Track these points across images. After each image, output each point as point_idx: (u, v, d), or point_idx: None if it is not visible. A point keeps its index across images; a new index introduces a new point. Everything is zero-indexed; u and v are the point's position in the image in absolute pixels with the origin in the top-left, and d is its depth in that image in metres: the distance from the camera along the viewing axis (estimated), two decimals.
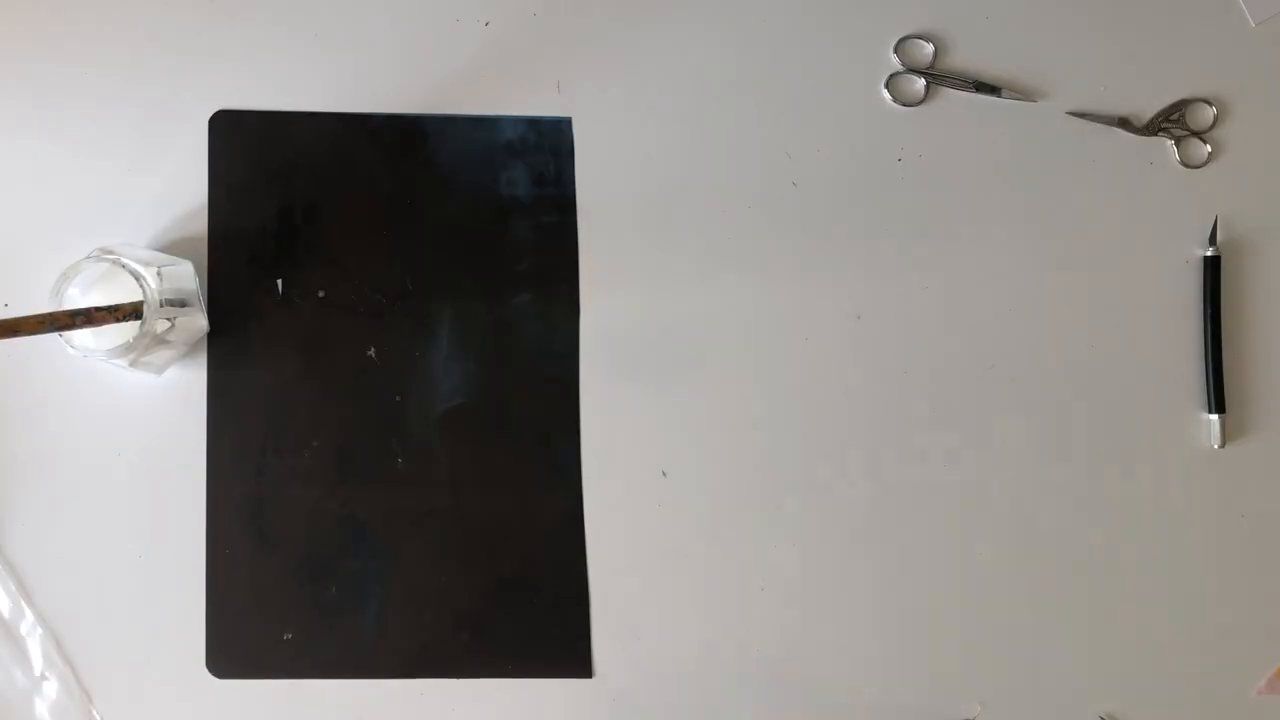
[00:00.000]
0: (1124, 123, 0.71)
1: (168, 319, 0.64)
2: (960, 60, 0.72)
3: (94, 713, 0.70)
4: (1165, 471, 0.71)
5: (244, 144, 0.71)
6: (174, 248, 0.70)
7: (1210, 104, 0.71)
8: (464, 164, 0.71)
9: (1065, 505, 0.71)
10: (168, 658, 0.70)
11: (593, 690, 0.70)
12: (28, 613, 0.70)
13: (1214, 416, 0.71)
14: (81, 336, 0.63)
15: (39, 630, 0.70)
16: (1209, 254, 0.71)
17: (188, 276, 0.68)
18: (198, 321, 0.69)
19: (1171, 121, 0.71)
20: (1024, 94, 0.71)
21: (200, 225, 0.71)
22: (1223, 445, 0.71)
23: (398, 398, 0.71)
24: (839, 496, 0.71)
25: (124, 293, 0.64)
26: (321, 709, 0.70)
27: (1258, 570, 0.71)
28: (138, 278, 0.63)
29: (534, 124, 0.71)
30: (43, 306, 0.62)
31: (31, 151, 0.71)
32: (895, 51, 0.71)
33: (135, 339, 0.62)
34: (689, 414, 0.71)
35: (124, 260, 0.63)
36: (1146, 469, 0.71)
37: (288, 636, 0.71)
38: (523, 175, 0.71)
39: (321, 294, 0.71)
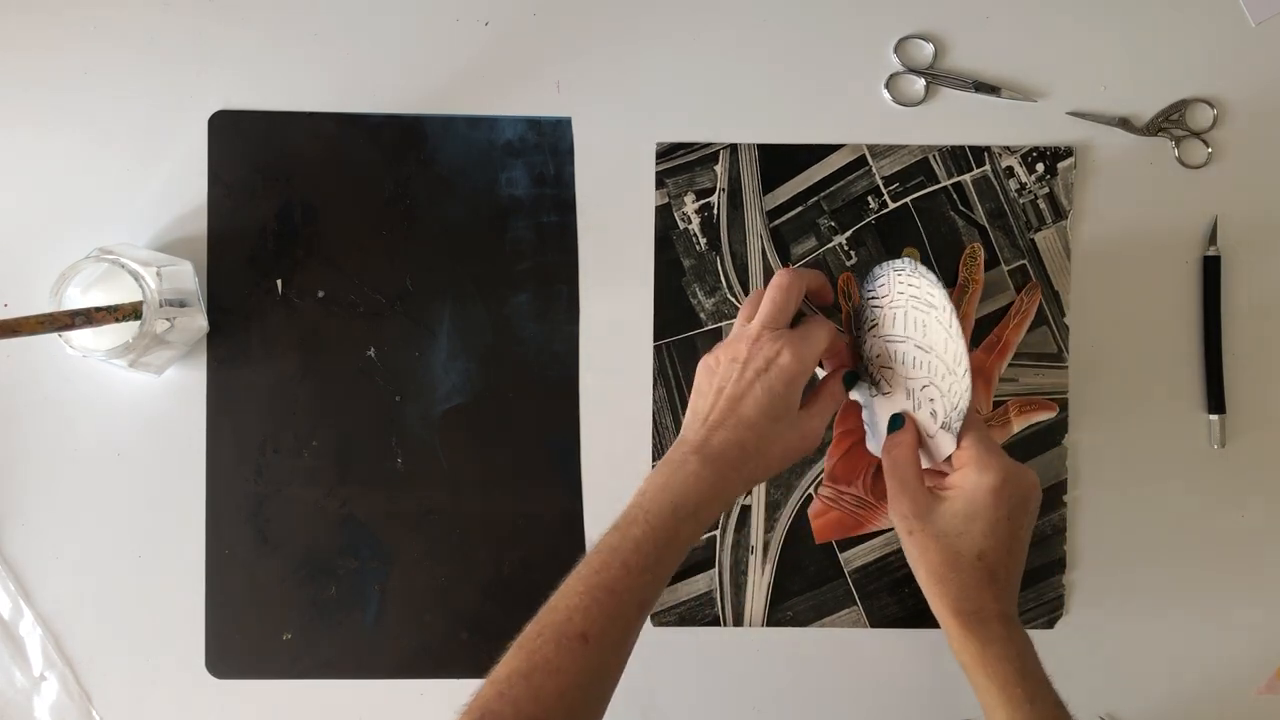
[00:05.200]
0: (1124, 123, 0.71)
1: (167, 319, 0.64)
2: (960, 60, 0.71)
3: (93, 713, 0.70)
4: (1165, 471, 0.71)
5: (244, 144, 0.71)
6: (174, 248, 0.70)
7: (1210, 104, 0.71)
8: (464, 164, 0.71)
9: (1066, 504, 0.71)
10: (168, 658, 0.70)
11: None
12: (28, 613, 0.70)
13: (1214, 416, 0.71)
14: (81, 336, 0.63)
15: (39, 630, 0.70)
16: (1209, 254, 0.71)
17: (187, 276, 0.69)
18: (197, 321, 0.69)
19: (1171, 121, 0.71)
20: (1024, 94, 0.71)
21: (200, 225, 0.71)
22: (1223, 445, 0.71)
23: (397, 398, 0.71)
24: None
25: (124, 293, 0.64)
26: (321, 709, 0.70)
27: (1258, 570, 0.71)
28: (137, 278, 0.63)
29: (534, 124, 0.71)
30: (43, 306, 0.62)
31: (32, 151, 0.71)
32: (895, 51, 0.71)
33: (135, 339, 0.62)
34: None
35: (124, 260, 0.63)
36: (1146, 469, 0.71)
37: (288, 636, 0.71)
38: (523, 175, 0.71)
39: (321, 294, 0.71)
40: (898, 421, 0.64)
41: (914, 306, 0.64)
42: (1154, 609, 0.71)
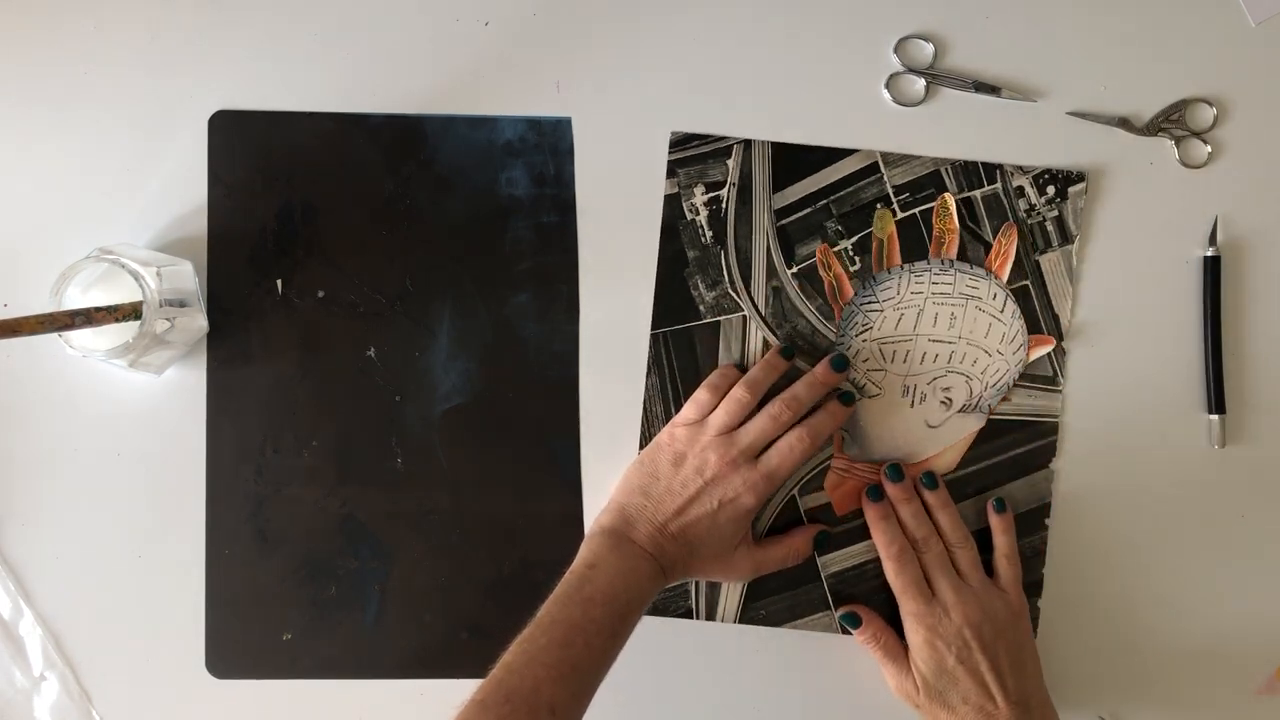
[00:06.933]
0: (1124, 123, 0.71)
1: (167, 319, 0.64)
2: (960, 60, 0.71)
3: (93, 713, 0.70)
4: (1165, 471, 0.71)
5: (244, 144, 0.71)
6: (174, 248, 0.70)
7: (1210, 104, 0.71)
8: (464, 164, 0.71)
9: (1066, 505, 0.71)
10: (168, 658, 0.70)
11: None
12: (28, 613, 0.70)
13: (1214, 416, 0.71)
14: (81, 336, 0.63)
15: (39, 630, 0.70)
16: (1209, 254, 0.71)
17: (187, 276, 0.69)
18: (198, 321, 0.69)
19: (1171, 121, 0.71)
20: (1024, 94, 0.71)
21: (200, 225, 0.71)
22: (1223, 445, 0.71)
23: (398, 398, 0.71)
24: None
25: (124, 293, 0.64)
26: (321, 709, 0.70)
27: (1258, 570, 0.71)
28: (137, 278, 0.63)
29: (534, 124, 0.71)
30: (43, 306, 0.62)
31: (31, 152, 0.71)
32: (895, 51, 0.71)
33: (135, 339, 0.62)
34: None
35: (124, 260, 0.63)
36: (1146, 469, 0.71)
37: (288, 636, 0.71)
38: (523, 175, 0.71)
39: (321, 294, 0.71)
40: (853, 621, 0.69)
41: (939, 302, 0.69)
42: (1154, 609, 0.71)
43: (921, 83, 0.71)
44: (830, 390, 0.69)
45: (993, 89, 0.71)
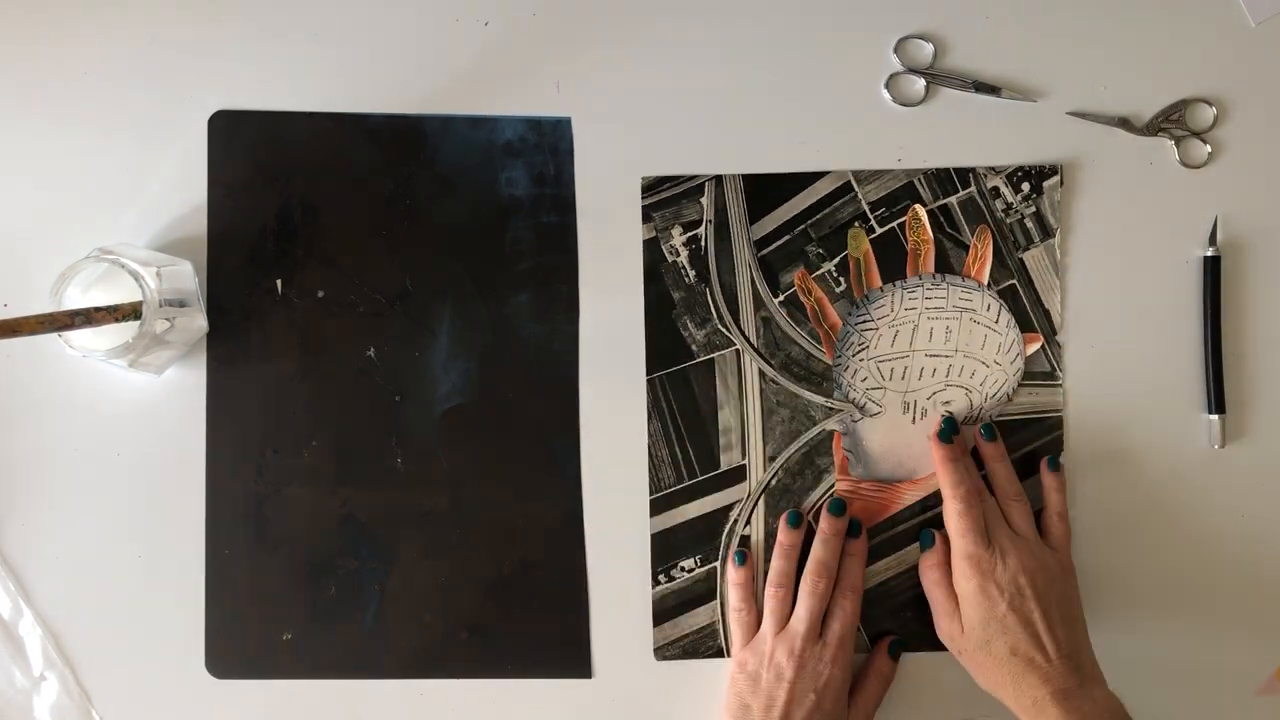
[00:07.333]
0: (1124, 123, 0.71)
1: (167, 319, 0.64)
2: (960, 60, 0.71)
3: (93, 713, 0.70)
4: (1165, 471, 0.71)
5: (244, 144, 0.71)
6: (174, 248, 0.70)
7: (1210, 104, 0.71)
8: (464, 164, 0.71)
9: (1074, 500, 0.71)
10: (168, 658, 0.70)
11: (593, 690, 0.70)
12: (27, 613, 0.70)
13: (1214, 416, 0.71)
14: (81, 336, 0.63)
15: (39, 630, 0.70)
16: (1209, 254, 0.71)
17: (187, 276, 0.69)
18: (197, 321, 0.69)
19: (1171, 121, 0.71)
20: (1024, 94, 0.71)
21: (200, 225, 0.71)
22: (1223, 445, 0.71)
23: (397, 398, 0.71)
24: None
25: (124, 293, 0.64)
26: (321, 709, 0.70)
27: (1258, 570, 0.71)
28: (137, 278, 0.63)
29: (534, 124, 0.71)
30: (43, 306, 0.62)
31: (32, 151, 0.71)
32: (895, 51, 0.71)
33: (135, 339, 0.62)
34: None
35: (124, 260, 0.63)
36: (1147, 469, 0.71)
37: (287, 636, 0.71)
38: (523, 175, 0.71)
39: (321, 294, 0.71)
40: (928, 539, 0.69)
41: (933, 316, 0.69)
42: (1154, 609, 0.71)
43: (921, 83, 0.71)
44: (842, 535, 0.69)
45: (993, 89, 0.71)
